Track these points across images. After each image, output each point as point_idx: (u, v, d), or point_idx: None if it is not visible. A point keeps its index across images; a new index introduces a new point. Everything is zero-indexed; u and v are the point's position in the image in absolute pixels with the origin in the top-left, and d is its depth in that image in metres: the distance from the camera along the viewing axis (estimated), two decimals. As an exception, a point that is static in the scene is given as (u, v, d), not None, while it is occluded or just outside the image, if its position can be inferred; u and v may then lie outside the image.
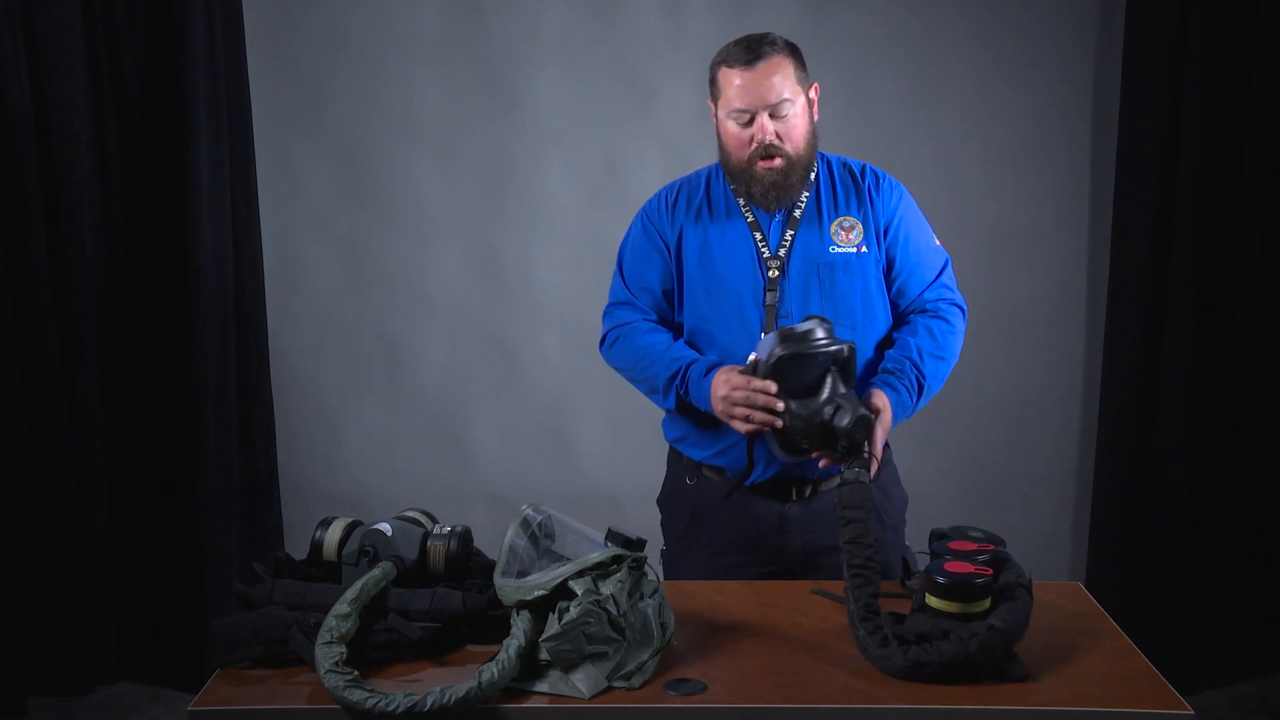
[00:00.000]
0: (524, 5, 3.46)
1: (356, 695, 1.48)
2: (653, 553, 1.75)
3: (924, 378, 2.04)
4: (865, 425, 1.81)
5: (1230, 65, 3.12)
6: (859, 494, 1.75)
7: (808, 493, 2.10)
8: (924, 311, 2.13)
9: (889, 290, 2.12)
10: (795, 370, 1.84)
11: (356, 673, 1.52)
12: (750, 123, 2.00)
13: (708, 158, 3.48)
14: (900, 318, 2.14)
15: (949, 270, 2.17)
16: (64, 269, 3.08)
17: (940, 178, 3.50)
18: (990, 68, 3.45)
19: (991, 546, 1.77)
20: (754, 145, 2.00)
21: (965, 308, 2.17)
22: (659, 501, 2.26)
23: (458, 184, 3.56)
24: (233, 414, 3.32)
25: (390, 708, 1.46)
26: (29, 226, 3.00)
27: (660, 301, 2.14)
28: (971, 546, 1.75)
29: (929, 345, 2.07)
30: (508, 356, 3.63)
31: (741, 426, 1.92)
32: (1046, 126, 3.48)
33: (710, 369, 2.00)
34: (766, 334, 2.03)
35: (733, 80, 2.00)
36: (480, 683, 1.49)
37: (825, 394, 1.83)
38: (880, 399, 1.95)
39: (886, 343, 2.12)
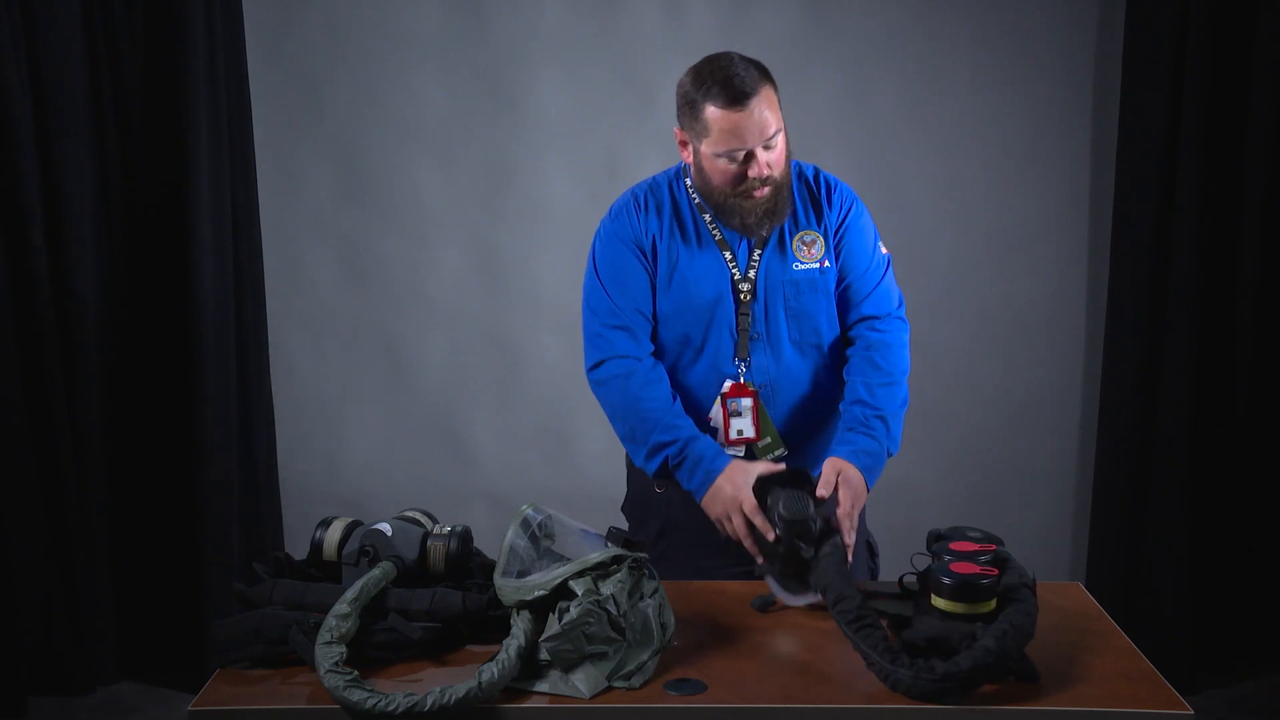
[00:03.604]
0: (524, 5, 3.46)
1: (356, 695, 1.48)
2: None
3: (882, 411, 2.03)
4: (798, 518, 1.80)
5: (1230, 65, 3.12)
6: (824, 573, 1.73)
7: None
8: (861, 334, 2.11)
9: (835, 293, 2.11)
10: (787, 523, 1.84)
11: (356, 673, 1.52)
12: (745, 160, 1.95)
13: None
14: (844, 330, 2.13)
15: (890, 275, 2.15)
16: (63, 269, 3.08)
17: (940, 178, 3.50)
18: (990, 68, 3.45)
19: (993, 547, 1.77)
20: (748, 180, 1.96)
21: (905, 316, 2.15)
22: (624, 509, 2.25)
23: (458, 184, 3.56)
24: (233, 414, 3.32)
25: (390, 708, 1.46)
26: (28, 226, 3.00)
27: (650, 322, 2.09)
28: (973, 547, 1.75)
29: (876, 377, 2.05)
30: (508, 356, 3.63)
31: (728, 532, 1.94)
32: (1046, 126, 3.47)
33: (716, 457, 1.97)
34: (738, 358, 2.04)
35: (720, 121, 1.93)
36: (480, 683, 1.49)
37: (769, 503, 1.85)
38: (831, 469, 1.93)
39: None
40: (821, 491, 1.90)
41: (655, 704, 1.54)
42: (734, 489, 1.92)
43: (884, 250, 2.16)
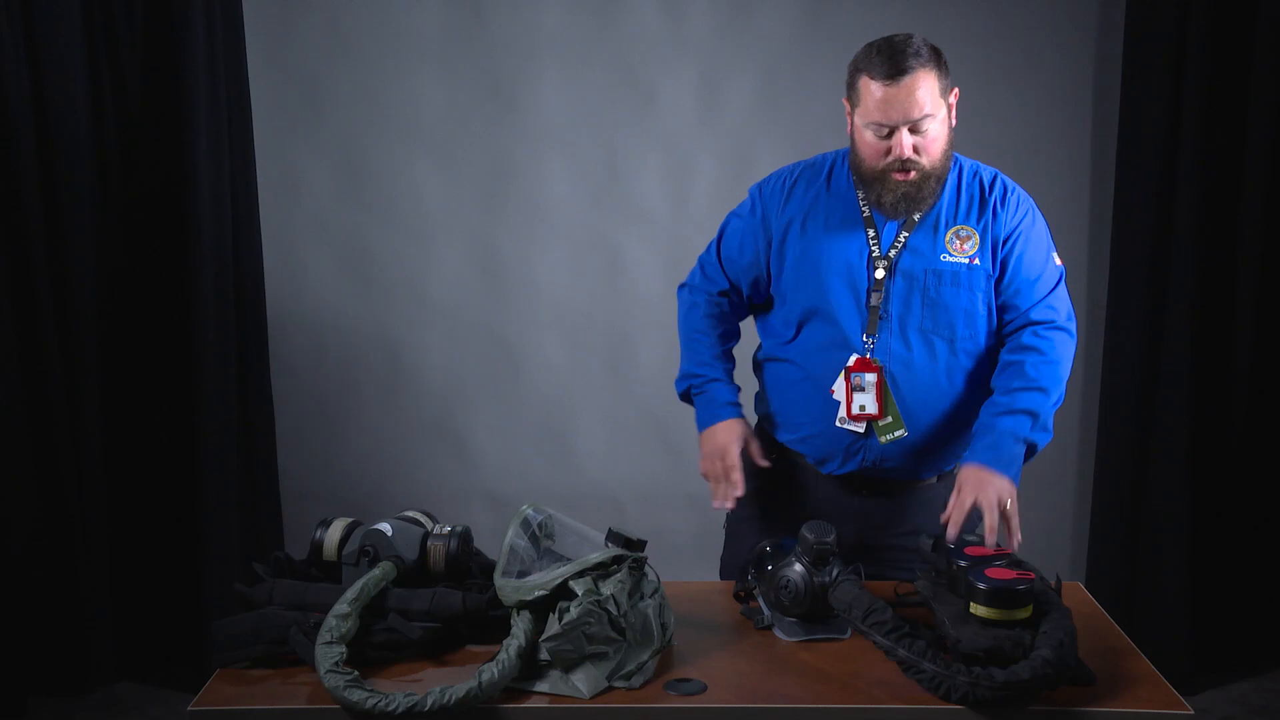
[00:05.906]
0: (524, 5, 3.46)
1: (356, 695, 1.48)
2: (656, 551, 1.75)
3: (1014, 406, 1.99)
4: (822, 540, 1.76)
5: (1230, 65, 3.12)
6: (845, 591, 1.72)
7: (877, 489, 2.09)
8: (1018, 337, 2.06)
9: (997, 300, 2.06)
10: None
11: (356, 673, 1.53)
12: (888, 135, 1.94)
13: (708, 158, 3.52)
14: (1003, 334, 2.09)
15: (1061, 288, 2.11)
16: (63, 269, 3.08)
17: (940, 178, 3.50)
18: (990, 68, 3.45)
19: (1008, 550, 1.76)
20: (890, 158, 1.95)
21: (1071, 328, 2.10)
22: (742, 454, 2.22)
23: (458, 184, 3.56)
24: (233, 414, 3.32)
25: (390, 708, 1.46)
26: (29, 226, 2.99)
27: (741, 283, 2.16)
28: (988, 552, 1.73)
29: (1018, 382, 2.01)
30: (508, 356, 3.63)
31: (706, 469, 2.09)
32: (1046, 126, 3.47)
33: (724, 407, 2.10)
34: (869, 334, 2.01)
35: (873, 92, 1.93)
36: (480, 683, 1.49)
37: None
38: (961, 475, 1.92)
39: (988, 356, 2.07)
40: (945, 515, 1.89)
41: (655, 704, 1.54)
42: (726, 439, 2.06)
43: (1058, 262, 2.12)
